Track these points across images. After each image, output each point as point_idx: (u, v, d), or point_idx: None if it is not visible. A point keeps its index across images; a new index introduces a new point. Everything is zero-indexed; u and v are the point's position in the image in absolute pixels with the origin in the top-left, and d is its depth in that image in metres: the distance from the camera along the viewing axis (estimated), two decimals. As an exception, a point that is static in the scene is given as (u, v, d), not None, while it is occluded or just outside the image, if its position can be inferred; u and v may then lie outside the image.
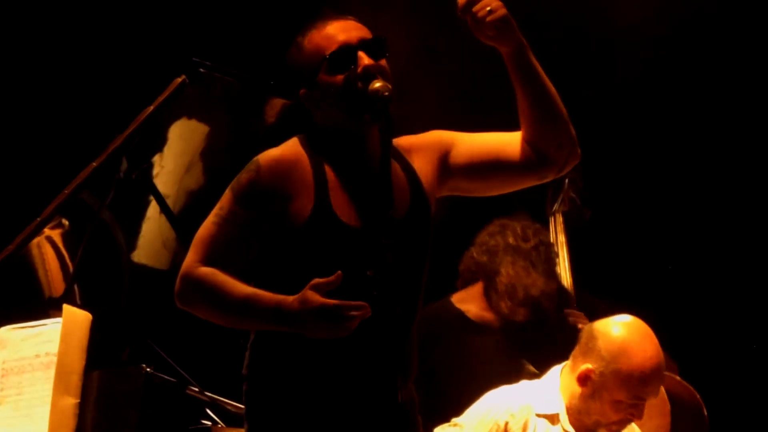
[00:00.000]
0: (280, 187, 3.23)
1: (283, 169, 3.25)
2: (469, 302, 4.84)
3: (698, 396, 4.43)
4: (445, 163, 3.40)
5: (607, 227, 5.44)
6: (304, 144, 3.32)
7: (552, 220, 4.95)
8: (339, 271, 3.04)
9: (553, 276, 4.81)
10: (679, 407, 4.29)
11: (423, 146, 3.41)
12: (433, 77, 5.38)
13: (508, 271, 4.74)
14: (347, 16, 3.34)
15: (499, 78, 3.37)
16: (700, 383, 4.40)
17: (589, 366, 3.96)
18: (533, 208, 5.04)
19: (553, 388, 4.06)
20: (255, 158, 3.28)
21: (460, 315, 4.81)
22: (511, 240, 4.79)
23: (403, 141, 3.40)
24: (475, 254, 4.84)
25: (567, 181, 4.99)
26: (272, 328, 3.15)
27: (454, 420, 4.11)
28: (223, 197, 3.28)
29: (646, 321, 4.06)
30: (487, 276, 4.77)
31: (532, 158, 3.35)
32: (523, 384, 4.16)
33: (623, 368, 3.91)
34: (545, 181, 3.41)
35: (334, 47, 3.26)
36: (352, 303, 3.01)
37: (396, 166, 3.31)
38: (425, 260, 3.36)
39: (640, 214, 5.85)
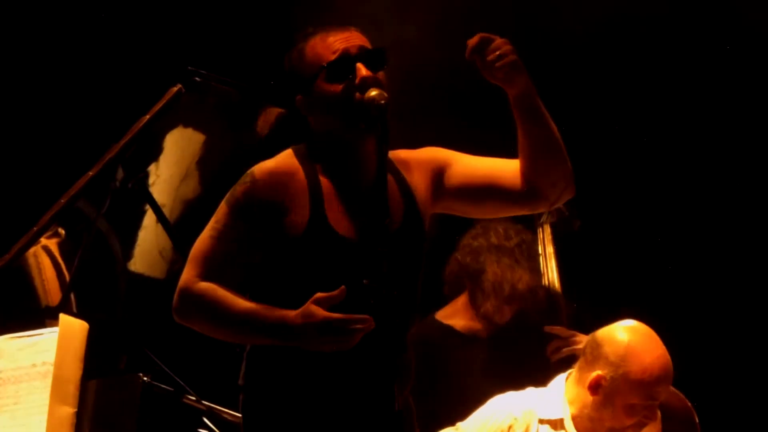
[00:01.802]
0: (275, 198, 3.23)
1: (278, 181, 3.26)
2: (455, 316, 4.86)
3: (689, 403, 4.43)
4: (439, 182, 3.41)
5: (596, 237, 5.44)
6: (299, 155, 3.33)
7: (540, 230, 4.95)
8: (342, 286, 3.04)
9: (537, 272, 4.83)
10: (669, 414, 4.29)
11: (419, 162, 3.42)
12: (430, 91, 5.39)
13: (493, 269, 4.77)
14: (349, 26, 3.35)
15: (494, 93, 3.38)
16: (692, 389, 4.39)
17: (599, 372, 3.96)
18: (521, 218, 5.04)
19: (557, 394, 4.06)
20: (249, 170, 3.28)
21: (448, 330, 4.83)
22: (494, 240, 4.82)
23: (400, 154, 3.41)
24: (459, 257, 4.87)
25: None
26: (275, 343, 3.15)
27: (458, 424, 4.12)
28: (218, 211, 3.27)
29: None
30: (472, 277, 4.80)
31: (525, 191, 3.37)
32: (528, 390, 4.17)
33: (633, 370, 3.92)
34: (536, 212, 3.43)
35: (333, 56, 3.27)
36: (356, 316, 3.01)
37: (390, 179, 3.31)
38: (419, 272, 3.36)
39: (629, 222, 5.86)
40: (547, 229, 4.95)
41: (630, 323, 4.06)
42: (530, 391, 4.16)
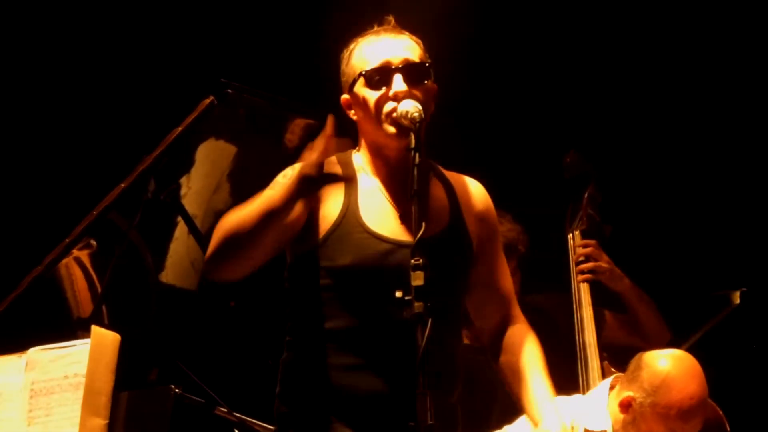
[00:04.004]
0: (316, 183, 3.25)
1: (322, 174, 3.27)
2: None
3: (720, 411, 4.40)
4: (474, 234, 3.44)
5: (628, 243, 5.41)
6: (342, 158, 3.38)
7: (571, 237, 4.94)
8: (330, 115, 3.14)
9: (516, 227, 4.86)
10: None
11: (482, 203, 3.49)
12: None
13: None
14: (402, 32, 3.38)
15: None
16: (722, 398, 4.36)
17: (631, 394, 3.97)
18: (552, 225, 5.03)
19: (602, 405, 4.05)
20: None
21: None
22: None
23: (460, 176, 3.48)
24: None
25: (586, 197, 4.97)
26: (289, 196, 3.15)
27: (506, 427, 4.10)
28: None
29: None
30: None
31: (479, 323, 3.53)
32: (575, 398, 4.16)
33: (661, 402, 3.91)
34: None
35: (372, 65, 3.31)
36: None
37: (439, 188, 3.34)
38: (454, 282, 3.36)
39: (660, 229, 5.83)
40: (578, 235, 4.93)
41: (677, 354, 4.04)
42: (577, 398, 4.16)
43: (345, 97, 3.41)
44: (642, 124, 5.86)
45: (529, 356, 3.43)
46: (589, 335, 4.76)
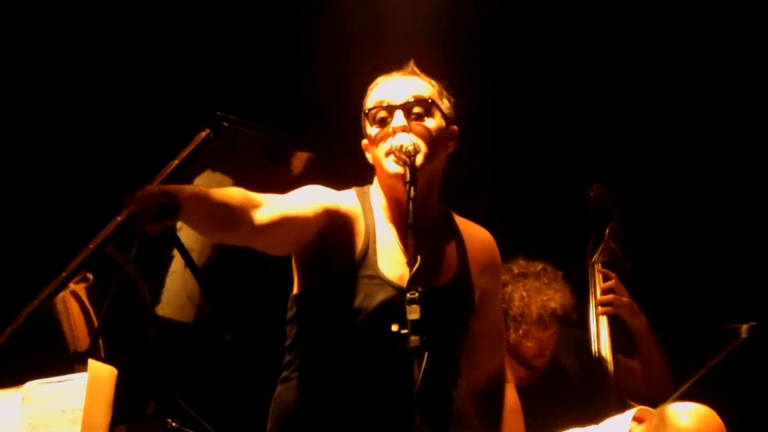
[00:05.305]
0: (336, 219, 3.29)
1: (341, 210, 3.32)
2: None
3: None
4: (477, 285, 3.48)
5: (648, 279, 5.39)
6: (360, 194, 3.41)
7: (591, 270, 4.92)
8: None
9: (568, 290, 4.78)
10: None
11: (489, 256, 3.54)
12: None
13: (521, 294, 4.69)
14: (417, 73, 3.40)
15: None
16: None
17: None
18: (573, 258, 5.02)
19: None
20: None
21: None
22: (515, 270, 4.76)
23: (469, 224, 3.50)
24: None
25: (608, 231, 4.96)
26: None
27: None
28: None
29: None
30: (503, 311, 4.75)
31: (469, 371, 3.54)
32: (590, 429, 4.12)
33: None
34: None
35: (374, 105, 3.34)
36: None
37: (450, 239, 3.38)
38: (459, 331, 3.39)
39: (682, 264, 5.80)
40: (598, 269, 4.92)
41: (701, 412, 3.98)
42: (592, 429, 4.11)
43: (364, 141, 3.44)
44: (664, 161, 5.84)
45: (512, 429, 3.60)
46: (607, 368, 4.74)
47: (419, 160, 3.26)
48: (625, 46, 5.80)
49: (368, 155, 3.43)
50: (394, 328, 2.96)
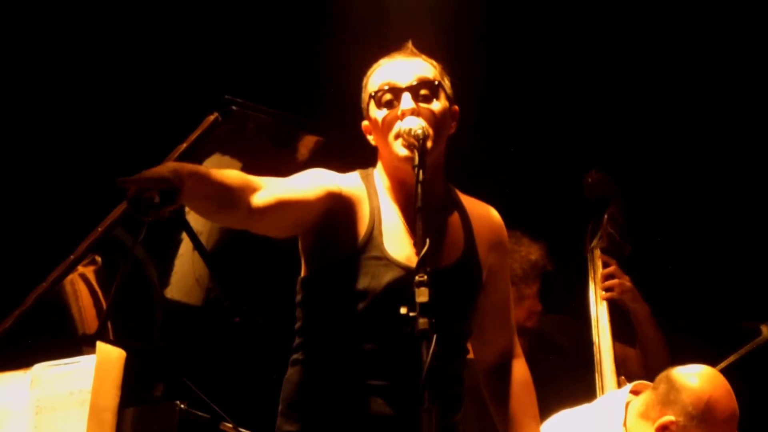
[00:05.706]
0: (340, 200, 3.28)
1: (346, 191, 3.32)
2: None
3: None
4: (485, 263, 3.48)
5: (647, 262, 5.39)
6: (365, 176, 3.41)
7: (590, 256, 4.93)
8: None
9: (539, 243, 4.89)
10: None
11: (496, 233, 3.53)
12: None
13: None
14: (417, 54, 3.40)
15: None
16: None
17: (671, 418, 3.86)
18: (572, 243, 5.03)
19: (617, 422, 3.98)
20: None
21: None
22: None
23: (475, 201, 3.50)
24: None
25: (606, 217, 4.97)
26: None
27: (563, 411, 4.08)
28: None
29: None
30: None
31: (479, 348, 3.59)
32: (585, 410, 4.11)
33: (713, 424, 3.85)
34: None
35: (379, 87, 3.33)
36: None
37: (456, 217, 3.37)
38: (467, 310, 3.38)
39: (682, 249, 5.80)
40: (598, 254, 4.92)
41: (709, 373, 3.97)
42: (587, 410, 4.10)
43: (365, 123, 3.43)
44: (666, 144, 5.84)
45: (525, 405, 3.52)
46: (607, 353, 4.74)
47: (428, 144, 3.26)
48: (625, 30, 5.80)
49: (369, 137, 3.42)
50: (403, 310, 2.95)
